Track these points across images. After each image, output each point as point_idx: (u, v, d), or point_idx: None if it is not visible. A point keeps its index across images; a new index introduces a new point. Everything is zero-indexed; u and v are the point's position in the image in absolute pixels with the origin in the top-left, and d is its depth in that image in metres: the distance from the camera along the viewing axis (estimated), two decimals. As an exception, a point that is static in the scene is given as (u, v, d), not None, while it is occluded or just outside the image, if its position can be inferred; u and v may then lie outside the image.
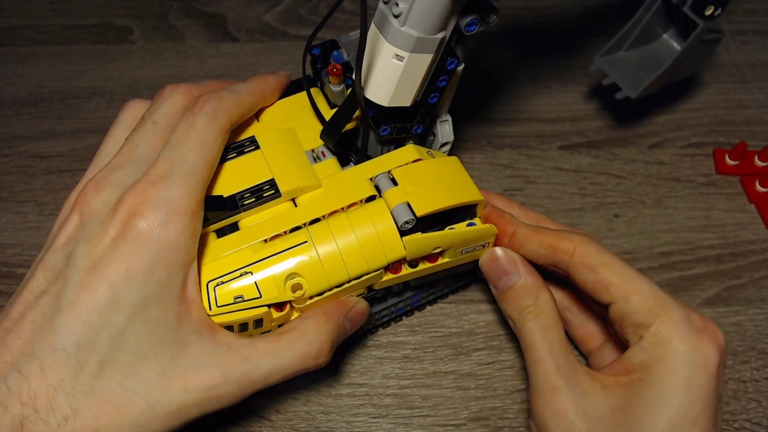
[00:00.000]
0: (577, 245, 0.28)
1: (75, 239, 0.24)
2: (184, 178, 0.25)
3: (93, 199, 0.25)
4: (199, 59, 0.50)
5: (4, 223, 0.41)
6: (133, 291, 0.23)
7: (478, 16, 0.27)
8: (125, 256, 0.23)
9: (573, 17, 0.52)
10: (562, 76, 0.48)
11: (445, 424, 0.33)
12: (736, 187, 0.42)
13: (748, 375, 0.35)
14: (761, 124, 0.45)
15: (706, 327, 0.26)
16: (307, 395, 0.34)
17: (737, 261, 0.39)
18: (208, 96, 0.27)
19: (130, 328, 0.23)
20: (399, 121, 0.29)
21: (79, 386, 0.23)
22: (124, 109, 0.30)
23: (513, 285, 0.30)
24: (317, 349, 0.27)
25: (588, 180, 0.42)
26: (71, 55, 0.50)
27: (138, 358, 0.24)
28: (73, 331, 0.23)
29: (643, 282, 0.27)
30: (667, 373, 0.25)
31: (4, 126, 0.46)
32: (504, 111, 0.46)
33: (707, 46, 0.39)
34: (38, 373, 0.22)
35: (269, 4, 0.54)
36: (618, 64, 0.40)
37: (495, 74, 0.48)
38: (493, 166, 0.43)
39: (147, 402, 0.23)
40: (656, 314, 0.26)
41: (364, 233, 0.27)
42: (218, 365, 0.25)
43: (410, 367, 0.35)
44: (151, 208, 0.24)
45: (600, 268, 0.28)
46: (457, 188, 0.29)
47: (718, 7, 0.35)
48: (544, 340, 0.28)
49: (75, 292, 0.23)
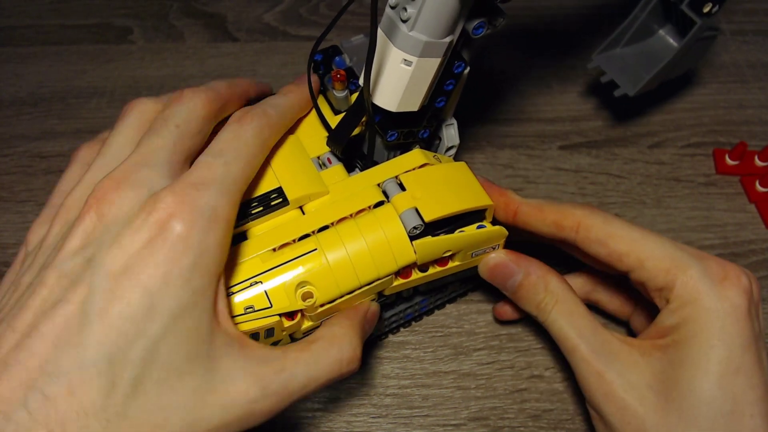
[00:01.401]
0: (581, 220, 0.28)
1: (96, 241, 0.22)
2: (226, 186, 0.23)
3: (116, 198, 0.22)
4: (199, 59, 0.50)
5: (4, 223, 0.41)
6: (170, 298, 0.21)
7: (485, 19, 0.27)
8: (163, 259, 0.21)
9: (573, 17, 0.52)
10: (563, 76, 0.48)
11: (445, 424, 0.33)
12: (736, 187, 0.42)
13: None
14: (761, 124, 0.45)
15: (727, 273, 0.26)
16: (307, 395, 0.34)
17: (737, 261, 0.39)
18: (255, 112, 0.26)
19: (164, 340, 0.21)
20: (406, 126, 0.29)
21: (112, 408, 0.20)
22: (132, 108, 0.27)
23: (520, 284, 0.30)
24: (350, 354, 0.26)
25: (588, 180, 0.42)
26: (71, 55, 0.50)
27: (172, 374, 0.21)
28: (105, 343, 0.20)
29: (654, 243, 0.27)
30: (701, 332, 0.25)
31: (4, 126, 0.46)
32: (504, 111, 0.46)
33: (704, 43, 0.39)
34: (66, 395, 0.20)
35: (269, 4, 0.54)
36: (616, 62, 0.40)
37: (495, 74, 0.48)
38: (493, 166, 0.43)
39: (185, 421, 0.22)
40: (674, 275, 0.26)
41: (373, 239, 0.27)
42: (254, 379, 0.23)
43: (410, 367, 0.35)
44: (190, 211, 0.22)
45: (608, 240, 0.28)
46: (466, 193, 0.29)
47: (715, 4, 0.35)
48: (571, 327, 0.28)
49: (104, 300, 0.21)
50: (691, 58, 0.40)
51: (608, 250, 0.28)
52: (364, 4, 0.52)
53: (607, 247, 0.28)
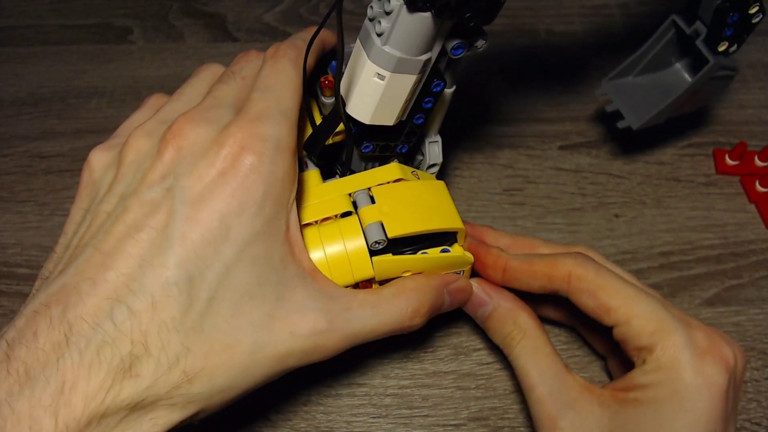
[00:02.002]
0: (573, 269, 0.28)
1: (175, 173, 0.23)
2: (284, 118, 0.24)
3: (191, 133, 0.24)
4: (199, 59, 0.50)
5: (4, 223, 0.41)
6: (244, 224, 0.23)
7: (464, 40, 0.26)
8: (237, 189, 0.23)
9: (574, 17, 0.52)
10: (563, 75, 0.48)
11: (445, 424, 0.33)
12: (736, 187, 0.42)
13: (748, 375, 0.34)
14: (761, 124, 0.45)
15: (712, 347, 0.25)
16: (307, 395, 0.34)
17: (737, 261, 0.39)
18: (287, 44, 0.27)
19: (239, 264, 0.23)
20: (382, 140, 0.29)
21: (189, 323, 0.22)
22: (205, 68, 0.29)
23: (490, 314, 0.30)
24: (415, 307, 0.26)
25: (588, 180, 0.42)
26: (71, 55, 0.50)
27: (244, 297, 0.23)
28: (185, 264, 0.22)
29: (644, 302, 0.26)
30: (670, 400, 0.25)
31: (4, 126, 0.46)
32: (504, 111, 0.46)
33: (719, 83, 0.37)
34: (149, 310, 0.21)
35: (269, 4, 0.54)
36: (625, 91, 0.38)
37: (495, 74, 0.48)
38: (493, 166, 0.43)
39: (255, 343, 0.23)
40: (658, 337, 0.26)
41: (332, 249, 0.27)
42: (322, 311, 0.24)
43: (410, 367, 0.35)
44: (260, 142, 0.23)
45: (598, 292, 0.27)
46: (437, 213, 0.28)
47: (733, 43, 0.34)
48: (533, 365, 0.28)
49: (185, 225, 0.22)
50: (704, 97, 0.39)
51: (598, 302, 0.27)
52: (363, 4, 0.52)
53: (596, 300, 0.27)
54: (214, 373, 0.22)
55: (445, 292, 0.28)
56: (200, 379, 0.22)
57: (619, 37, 0.51)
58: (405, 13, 0.23)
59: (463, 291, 0.29)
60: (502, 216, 0.41)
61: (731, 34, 0.34)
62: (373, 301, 0.26)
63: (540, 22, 0.52)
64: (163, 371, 0.21)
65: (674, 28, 0.37)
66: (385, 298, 0.26)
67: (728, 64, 0.36)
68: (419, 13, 0.23)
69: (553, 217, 0.41)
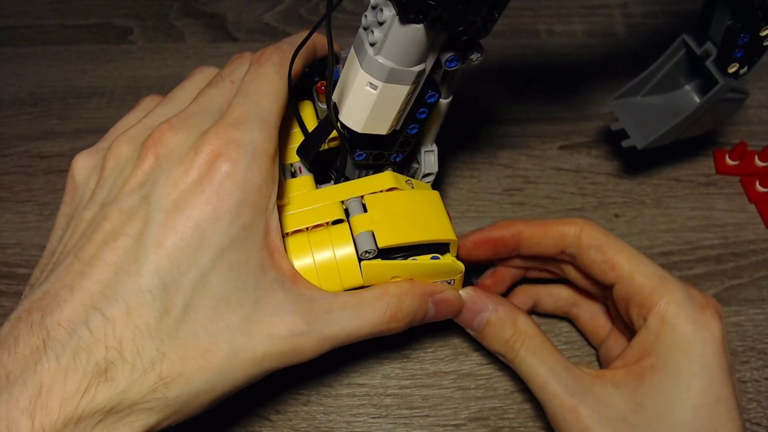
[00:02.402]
0: (584, 227, 0.29)
1: (152, 180, 0.24)
2: (261, 123, 0.25)
3: (168, 138, 0.24)
4: (199, 59, 0.50)
5: (4, 223, 0.41)
6: (219, 232, 0.23)
7: (459, 52, 0.26)
8: (212, 196, 0.23)
9: (574, 17, 0.52)
10: (563, 75, 0.48)
11: (445, 424, 0.33)
12: (736, 187, 0.42)
13: (748, 375, 0.35)
14: (761, 124, 0.45)
15: (708, 302, 0.27)
16: (307, 395, 0.34)
17: (737, 261, 0.39)
18: (272, 49, 0.27)
19: (215, 271, 0.23)
20: (375, 148, 0.29)
21: (165, 329, 0.22)
22: (199, 71, 0.30)
23: (488, 321, 0.29)
24: (393, 312, 0.26)
25: (588, 180, 0.42)
26: (71, 55, 0.50)
27: (221, 302, 0.23)
28: (159, 272, 0.22)
29: (647, 262, 0.28)
30: (681, 358, 0.25)
31: (4, 126, 0.46)
32: (504, 111, 0.46)
33: (729, 105, 0.36)
34: (124, 316, 0.22)
35: (269, 4, 0.54)
36: (632, 109, 0.38)
37: (495, 73, 0.48)
38: (493, 166, 0.43)
39: (231, 347, 0.23)
40: (660, 294, 0.27)
41: (321, 256, 0.27)
42: (301, 314, 0.24)
43: (410, 367, 0.35)
44: (235, 149, 0.23)
45: (606, 248, 0.29)
46: (429, 224, 0.28)
47: (743, 65, 0.33)
48: (542, 364, 0.28)
49: (160, 233, 0.22)
50: (713, 119, 0.38)
51: (605, 256, 0.28)
52: (363, 4, 0.52)
53: (604, 254, 0.28)
54: (191, 377, 0.22)
55: (430, 301, 0.28)
56: (177, 383, 0.22)
57: (618, 37, 0.51)
58: (397, 24, 0.23)
59: (449, 303, 0.29)
60: (502, 216, 0.41)
61: (742, 56, 0.33)
62: (353, 304, 0.26)
63: (540, 22, 0.52)
64: (138, 376, 0.21)
65: (684, 47, 0.36)
66: (365, 300, 0.26)
67: (738, 87, 0.35)
68: (412, 25, 0.23)
69: (553, 217, 0.41)
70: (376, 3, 0.24)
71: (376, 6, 0.24)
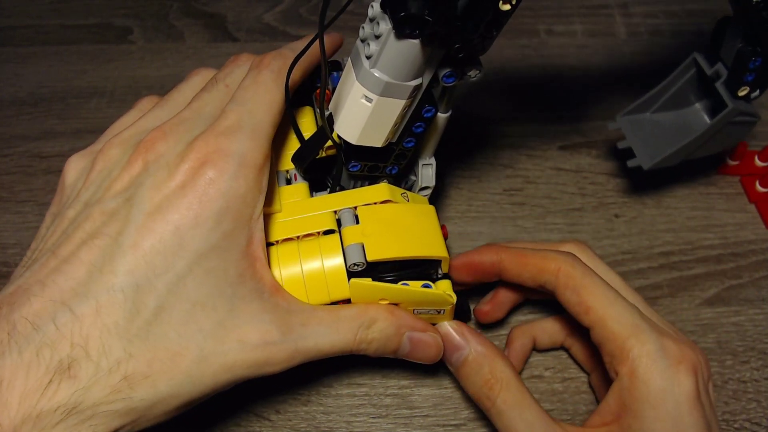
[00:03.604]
0: (562, 265, 0.28)
1: (137, 183, 0.24)
2: (253, 132, 0.24)
3: (159, 145, 0.24)
4: (199, 59, 0.50)
5: (4, 223, 0.41)
6: (199, 238, 0.23)
7: (457, 69, 0.25)
8: (194, 202, 0.23)
9: (574, 17, 0.52)
10: (563, 75, 0.48)
11: (445, 424, 0.33)
12: (736, 187, 0.42)
13: (748, 375, 0.34)
14: (761, 124, 0.45)
15: (683, 356, 0.26)
16: (307, 395, 0.34)
17: (737, 261, 0.39)
18: (273, 55, 0.27)
19: (191, 275, 0.23)
20: (371, 160, 0.28)
21: (134, 330, 0.22)
22: (196, 73, 0.30)
23: (465, 359, 0.29)
24: (364, 334, 0.26)
25: (588, 180, 0.42)
26: (71, 55, 0.50)
27: (196, 307, 0.23)
28: (134, 272, 0.22)
29: (623, 308, 0.27)
30: (654, 417, 0.25)
31: (4, 126, 0.46)
32: (504, 111, 0.46)
33: (738, 129, 0.35)
34: (93, 314, 0.21)
35: (269, 4, 0.54)
36: (640, 127, 0.36)
37: (495, 74, 0.48)
38: (493, 166, 0.43)
39: (202, 351, 0.23)
40: (631, 344, 0.26)
41: (310, 267, 0.26)
42: (276, 324, 0.24)
43: (410, 367, 0.35)
44: (222, 158, 0.23)
45: (581, 290, 0.27)
46: (421, 240, 0.28)
47: (755, 89, 0.32)
48: (520, 420, 0.27)
49: (138, 234, 0.22)
50: (722, 141, 0.36)
51: (579, 299, 0.27)
52: (363, 4, 0.52)
53: (578, 297, 0.28)
54: (157, 379, 0.22)
55: (406, 336, 0.28)
56: (142, 385, 0.22)
57: (618, 37, 0.51)
58: (393, 39, 0.23)
59: (426, 345, 0.28)
60: (502, 216, 0.41)
61: (753, 80, 0.32)
62: (329, 320, 0.26)
63: (540, 22, 0.52)
64: (102, 375, 0.21)
65: (695, 66, 0.35)
66: (342, 318, 0.26)
67: (748, 110, 0.34)
68: (408, 40, 0.23)
69: (553, 217, 0.41)
70: (373, 16, 0.24)
71: (374, 19, 0.24)
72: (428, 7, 0.21)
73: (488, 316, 0.34)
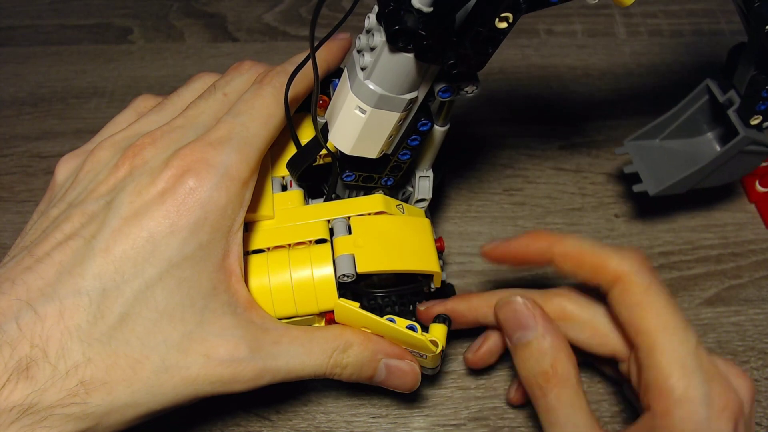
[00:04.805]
0: (621, 276, 0.25)
1: (120, 187, 0.24)
2: (242, 146, 0.24)
3: (147, 150, 0.24)
4: (199, 59, 0.50)
5: (4, 223, 0.41)
6: (173, 246, 0.22)
7: (452, 84, 0.25)
8: (171, 210, 0.23)
9: (574, 17, 0.52)
10: (563, 75, 0.48)
11: (445, 424, 0.33)
12: (736, 187, 0.42)
13: (748, 375, 0.34)
14: (761, 124, 0.45)
15: (727, 403, 0.23)
16: (307, 395, 0.34)
17: (737, 261, 0.39)
18: (277, 70, 0.27)
19: (161, 284, 0.22)
20: (365, 171, 0.28)
21: (96, 334, 0.21)
22: (198, 78, 0.29)
23: (528, 343, 0.26)
24: (338, 358, 0.25)
25: (588, 180, 0.42)
26: (71, 55, 0.50)
27: (163, 316, 0.22)
28: (101, 277, 0.22)
29: (677, 341, 0.24)
30: None
31: (4, 126, 0.46)
32: (504, 111, 0.46)
33: (750, 158, 0.34)
34: (55, 316, 0.21)
35: (269, 4, 0.54)
36: (648, 153, 0.35)
37: (494, 74, 0.48)
38: (493, 166, 0.43)
39: (164, 363, 0.22)
40: (675, 386, 0.23)
41: (299, 275, 0.26)
42: (246, 340, 0.24)
43: (410, 367, 0.35)
44: (205, 168, 0.23)
45: (635, 308, 0.24)
46: (413, 253, 0.27)
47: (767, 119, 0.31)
48: (569, 422, 0.25)
49: (111, 238, 0.22)
50: (732, 171, 0.35)
51: (631, 318, 0.24)
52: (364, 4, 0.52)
53: (631, 315, 0.24)
54: (114, 386, 0.22)
55: (383, 363, 0.27)
56: (99, 391, 0.21)
57: (618, 37, 0.51)
58: (387, 51, 0.23)
59: (403, 374, 0.27)
60: (502, 216, 0.41)
61: (766, 108, 0.31)
62: (303, 340, 0.25)
63: (540, 22, 0.52)
64: (59, 377, 0.21)
65: (708, 93, 0.34)
66: (316, 339, 0.25)
67: (761, 139, 0.33)
68: (402, 53, 0.23)
69: (553, 217, 0.41)
70: (369, 27, 0.24)
71: (370, 30, 0.24)
72: (423, 22, 0.21)
73: (476, 366, 0.33)
